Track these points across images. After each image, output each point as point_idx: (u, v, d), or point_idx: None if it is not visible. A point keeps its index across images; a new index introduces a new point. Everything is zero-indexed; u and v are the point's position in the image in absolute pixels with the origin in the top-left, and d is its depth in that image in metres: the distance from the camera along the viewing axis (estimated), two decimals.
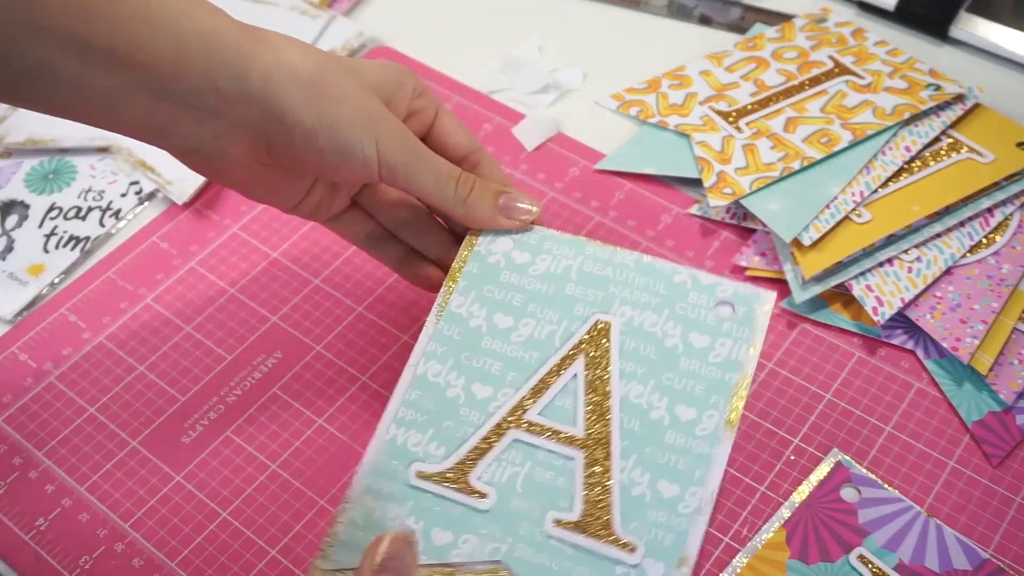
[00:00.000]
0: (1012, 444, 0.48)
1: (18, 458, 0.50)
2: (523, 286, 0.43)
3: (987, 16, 0.66)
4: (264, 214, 0.59)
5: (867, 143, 0.57)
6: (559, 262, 0.43)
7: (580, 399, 0.40)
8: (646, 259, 0.43)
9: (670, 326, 0.41)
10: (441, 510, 0.39)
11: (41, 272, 0.57)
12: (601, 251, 0.43)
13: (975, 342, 0.50)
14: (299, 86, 0.39)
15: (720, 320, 0.41)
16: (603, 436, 0.39)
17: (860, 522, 0.45)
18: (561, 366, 0.41)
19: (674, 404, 0.39)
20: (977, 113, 0.59)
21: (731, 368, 0.40)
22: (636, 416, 0.39)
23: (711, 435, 0.39)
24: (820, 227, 0.53)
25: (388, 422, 0.41)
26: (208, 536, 0.47)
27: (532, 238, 0.44)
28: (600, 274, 0.43)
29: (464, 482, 0.39)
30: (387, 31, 0.70)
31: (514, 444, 0.40)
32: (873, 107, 0.59)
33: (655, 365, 0.40)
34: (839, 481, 0.47)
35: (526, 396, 0.40)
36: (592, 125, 0.63)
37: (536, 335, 0.42)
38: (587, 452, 0.39)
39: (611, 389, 0.40)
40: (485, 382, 0.41)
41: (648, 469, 0.38)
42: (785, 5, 0.69)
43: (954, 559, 0.44)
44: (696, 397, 0.39)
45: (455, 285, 0.43)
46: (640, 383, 0.40)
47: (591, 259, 0.43)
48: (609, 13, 0.71)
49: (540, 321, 0.42)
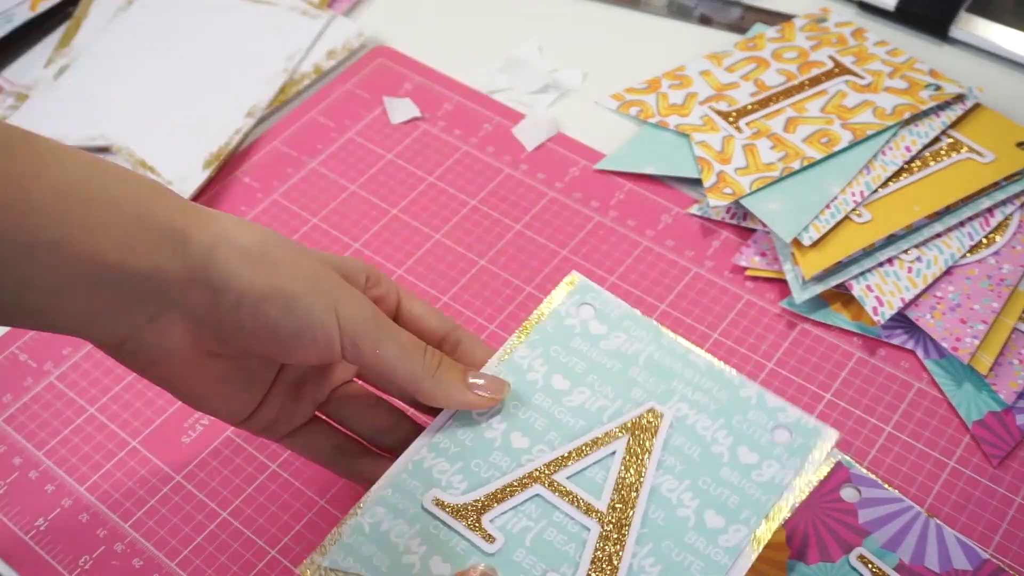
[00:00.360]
0: (1012, 444, 0.48)
1: (18, 458, 0.50)
2: (590, 356, 0.42)
3: (987, 16, 0.66)
4: (264, 214, 0.59)
5: (867, 143, 0.57)
6: (632, 344, 0.43)
7: (612, 475, 0.39)
8: (717, 365, 0.42)
9: (722, 434, 0.40)
10: (446, 541, 0.38)
11: None
12: (676, 346, 0.42)
13: (975, 342, 0.50)
14: (244, 254, 0.36)
15: (773, 444, 0.40)
16: (624, 517, 0.38)
17: (860, 522, 0.45)
18: (603, 440, 0.40)
19: (704, 508, 0.38)
20: (977, 113, 0.59)
21: (772, 491, 0.39)
22: (663, 508, 0.39)
23: (733, 548, 0.38)
24: (820, 227, 0.53)
25: (420, 444, 0.41)
26: (208, 536, 0.47)
27: (613, 312, 0.43)
28: (668, 367, 0.42)
29: (476, 521, 0.39)
30: (387, 31, 0.70)
31: (535, 499, 0.39)
32: (873, 107, 0.59)
33: (696, 466, 0.39)
34: (839, 481, 0.47)
35: (560, 457, 0.40)
36: (592, 125, 0.63)
37: (587, 405, 0.41)
38: (604, 527, 0.38)
39: (645, 475, 0.39)
40: (525, 434, 0.41)
41: (660, 561, 0.38)
42: (785, 5, 0.69)
43: (954, 559, 0.44)
44: (728, 508, 0.38)
45: (525, 337, 0.43)
46: (676, 479, 0.39)
47: (664, 350, 0.42)
48: (609, 13, 0.71)
49: (595, 394, 0.41)
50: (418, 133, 0.63)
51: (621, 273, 0.55)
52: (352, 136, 0.63)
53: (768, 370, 0.51)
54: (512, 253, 0.57)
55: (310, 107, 0.65)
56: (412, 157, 0.62)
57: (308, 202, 0.60)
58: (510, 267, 0.56)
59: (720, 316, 0.53)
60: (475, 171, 0.61)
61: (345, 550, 0.38)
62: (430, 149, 0.62)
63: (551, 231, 0.57)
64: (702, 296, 0.54)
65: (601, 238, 0.57)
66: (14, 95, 0.67)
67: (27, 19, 0.71)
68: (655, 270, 0.55)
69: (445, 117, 0.64)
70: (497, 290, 0.55)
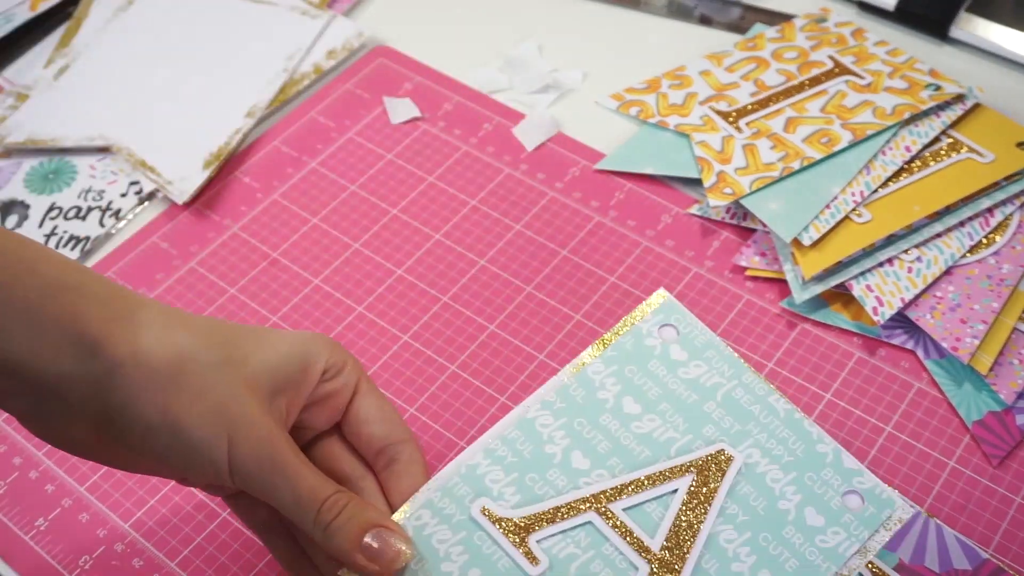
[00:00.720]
0: (1012, 444, 0.48)
1: (18, 458, 0.50)
2: (667, 383, 0.41)
3: (987, 16, 0.66)
4: (264, 214, 0.59)
5: (867, 143, 0.57)
6: (712, 377, 0.41)
7: (670, 514, 0.38)
8: (798, 415, 0.40)
9: (791, 490, 0.39)
10: (490, 555, 0.37)
11: None
12: (758, 386, 0.41)
13: (975, 342, 0.50)
14: (149, 377, 0.35)
15: (844, 509, 0.38)
16: (676, 562, 0.37)
17: None
18: (667, 474, 0.39)
19: (760, 566, 0.37)
20: (977, 113, 0.59)
21: (833, 559, 0.37)
22: (717, 559, 0.37)
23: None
24: (820, 227, 0.53)
25: (477, 449, 0.39)
26: (208, 536, 0.47)
27: (698, 339, 0.42)
28: (746, 408, 0.40)
29: (523, 539, 0.38)
30: (387, 31, 0.70)
31: (587, 526, 0.38)
32: (873, 107, 0.59)
33: (759, 519, 0.38)
34: None
35: (620, 486, 0.39)
36: (592, 125, 0.63)
37: (656, 435, 0.40)
38: (653, 568, 0.37)
39: (705, 521, 0.38)
40: (587, 455, 0.39)
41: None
42: (785, 5, 0.69)
43: (954, 559, 0.44)
44: (785, 570, 0.37)
45: (602, 351, 0.42)
46: (736, 530, 0.38)
47: (743, 388, 0.41)
48: (609, 13, 0.71)
49: (666, 424, 0.40)
50: (418, 133, 0.63)
51: (621, 273, 0.55)
52: (352, 136, 0.63)
53: (768, 370, 0.51)
54: (512, 253, 0.57)
55: (310, 107, 0.65)
56: (412, 157, 0.62)
57: (308, 202, 0.60)
58: (510, 267, 0.56)
59: (720, 316, 0.53)
60: (475, 171, 0.61)
61: None
62: (430, 149, 0.62)
63: (551, 231, 0.57)
64: (702, 296, 0.54)
65: (601, 238, 0.57)
66: (14, 95, 0.67)
67: (27, 19, 0.71)
68: (655, 270, 0.55)
69: (445, 117, 0.64)
70: (497, 290, 0.55)
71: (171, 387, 0.35)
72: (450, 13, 0.72)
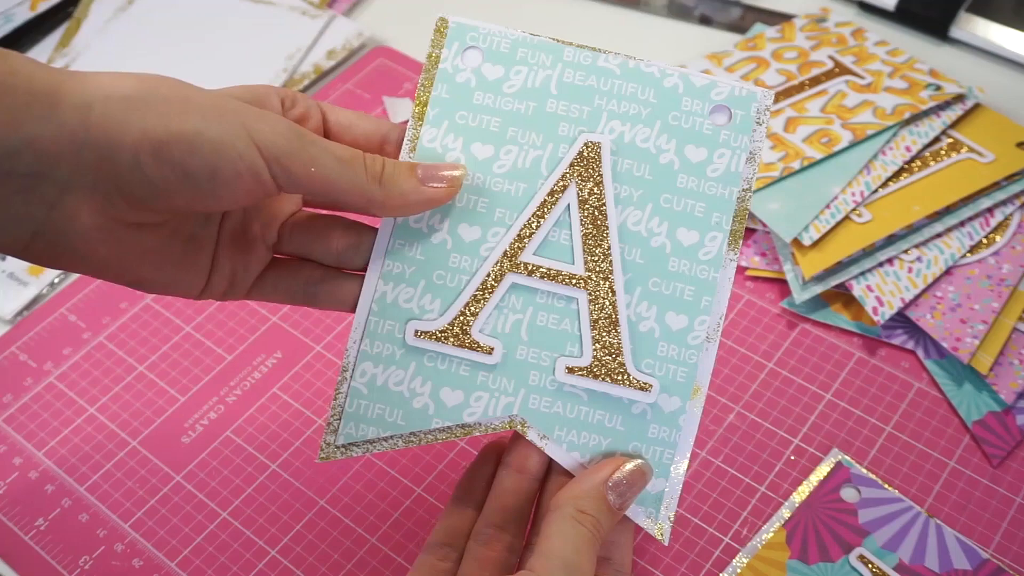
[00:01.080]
0: (1012, 444, 0.48)
1: (18, 458, 0.50)
2: (499, 107, 0.38)
3: (987, 16, 0.66)
4: None
5: (867, 143, 0.57)
6: (536, 74, 0.38)
7: (576, 233, 0.37)
8: (631, 63, 0.38)
9: (664, 140, 0.37)
10: (447, 369, 0.37)
11: (41, 272, 0.57)
12: (582, 56, 0.38)
13: (975, 342, 0.50)
14: (126, 103, 0.31)
15: (717, 128, 0.37)
16: (605, 272, 0.37)
17: (860, 522, 0.45)
18: (551, 197, 0.37)
19: (675, 228, 0.37)
20: (977, 113, 0.59)
21: (732, 182, 0.37)
22: (637, 245, 0.37)
23: (715, 258, 0.37)
24: (820, 227, 0.53)
25: (374, 279, 0.37)
26: (208, 536, 0.47)
27: (503, 45, 0.38)
28: (583, 84, 0.38)
29: (467, 337, 0.37)
30: (387, 31, 0.70)
31: (512, 289, 0.37)
32: (873, 107, 0.59)
33: (651, 186, 0.37)
34: (839, 481, 0.47)
35: (518, 234, 0.37)
36: None
37: (520, 163, 0.37)
38: (590, 291, 0.37)
39: (608, 218, 0.37)
40: (472, 222, 0.37)
41: (654, 302, 0.37)
42: (785, 5, 0.69)
43: (954, 559, 0.44)
44: (697, 219, 0.37)
45: (425, 113, 0.38)
46: (637, 208, 0.37)
47: (572, 67, 0.38)
48: (609, 13, 0.71)
49: (523, 147, 0.37)
50: None
51: None
52: None
53: (768, 370, 0.51)
54: None
55: None
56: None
57: None
58: None
59: None
60: None
61: (354, 419, 0.37)
62: None
63: None
64: None
65: None
66: None
67: (27, 19, 0.71)
68: None
69: None
70: None
71: (154, 105, 0.32)
72: (450, 14, 0.71)
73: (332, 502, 0.48)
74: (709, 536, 0.46)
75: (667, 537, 0.37)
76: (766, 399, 0.50)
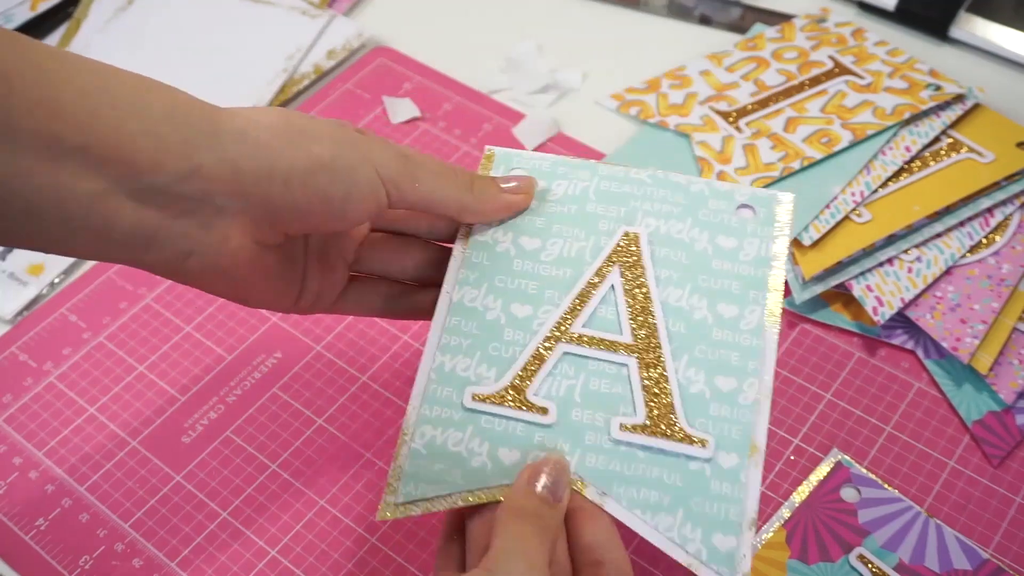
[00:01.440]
0: (1012, 444, 0.48)
1: (18, 458, 0.50)
2: (544, 210, 0.42)
3: (987, 16, 0.66)
4: None
5: (867, 143, 0.57)
6: (576, 185, 0.43)
7: (622, 307, 0.40)
8: (660, 174, 0.42)
9: (696, 232, 0.41)
10: (503, 430, 0.38)
11: (41, 272, 0.57)
12: (615, 171, 0.43)
13: (975, 342, 0.50)
14: (276, 135, 0.35)
15: (743, 221, 0.41)
16: (652, 340, 0.39)
17: (860, 522, 0.45)
18: (596, 278, 0.40)
19: (715, 304, 0.39)
20: (977, 113, 0.59)
21: (762, 264, 0.40)
22: (680, 319, 0.39)
23: (756, 328, 0.39)
24: (820, 227, 0.53)
25: (432, 350, 0.40)
26: (208, 536, 0.47)
27: (544, 165, 0.43)
28: (619, 191, 0.42)
29: (522, 399, 0.39)
30: (387, 31, 0.70)
31: (565, 358, 0.39)
32: (873, 107, 0.59)
33: (688, 269, 0.40)
34: (839, 481, 0.47)
35: (567, 310, 0.40)
36: (592, 125, 0.63)
37: (565, 253, 0.41)
38: (639, 357, 0.39)
39: (650, 295, 0.40)
40: (524, 302, 0.40)
41: (702, 367, 0.38)
42: (785, 5, 0.69)
43: (954, 559, 0.44)
44: (735, 295, 0.40)
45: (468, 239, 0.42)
46: (677, 287, 0.40)
47: (607, 179, 0.43)
48: (609, 13, 0.71)
49: (567, 239, 0.41)
50: (418, 133, 0.63)
51: None
52: None
53: None
54: None
55: (310, 107, 0.65)
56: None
57: None
58: None
59: None
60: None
61: (413, 479, 0.38)
62: (430, 149, 0.62)
63: None
64: None
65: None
66: None
67: (27, 19, 0.71)
68: None
69: (445, 117, 0.64)
70: None
71: (295, 135, 0.36)
72: (450, 13, 0.72)
73: (332, 502, 0.48)
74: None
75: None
76: None
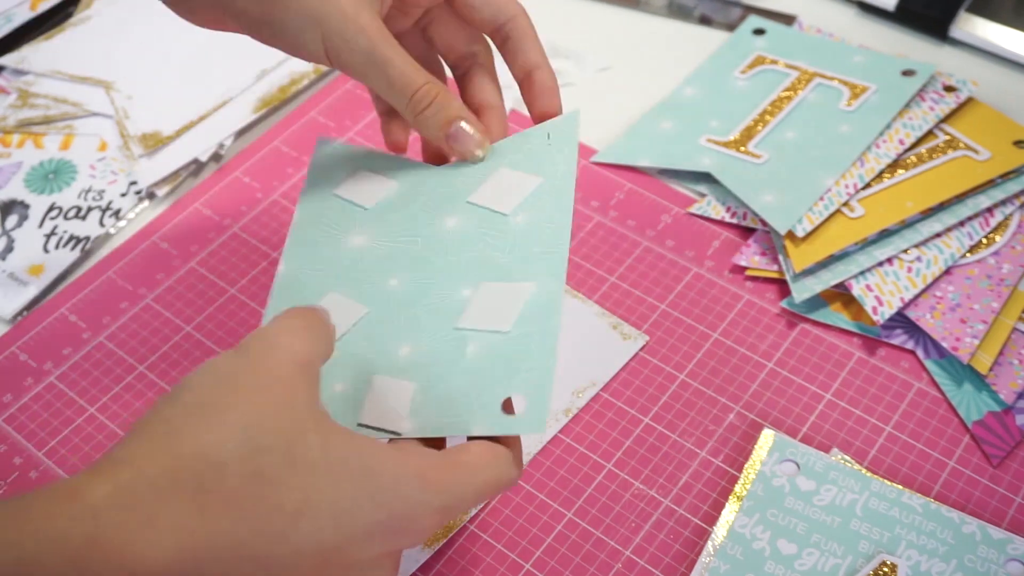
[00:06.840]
0: (1012, 444, 0.48)
1: (18, 458, 0.50)
2: (807, 515, 0.43)
3: (987, 16, 0.66)
4: (263, 215, 0.59)
5: (860, 133, 0.57)
6: (844, 495, 0.44)
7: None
8: (933, 505, 0.43)
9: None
10: None
11: (41, 272, 0.57)
12: (888, 490, 0.44)
13: (975, 342, 0.50)
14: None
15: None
16: None
17: None
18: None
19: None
20: (974, 110, 0.59)
21: None
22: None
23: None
24: (813, 219, 0.53)
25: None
26: None
27: (817, 465, 0.45)
28: (886, 514, 0.43)
29: None
30: None
31: None
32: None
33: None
34: None
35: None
36: (592, 125, 0.63)
37: (819, 567, 0.42)
38: None
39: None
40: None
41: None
42: (785, 5, 0.69)
43: None
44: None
45: (739, 504, 0.44)
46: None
47: (876, 496, 0.44)
48: (609, 13, 0.71)
49: (824, 553, 0.42)
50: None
51: (621, 273, 0.55)
52: (352, 136, 0.63)
53: (768, 370, 0.51)
54: None
55: (310, 107, 0.65)
56: (413, 156, 0.62)
57: None
58: None
59: (720, 316, 0.53)
60: None
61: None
62: None
63: None
64: (702, 296, 0.54)
65: (601, 238, 0.57)
66: (15, 93, 0.67)
67: (27, 19, 0.71)
68: (655, 270, 0.55)
69: None
70: None
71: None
72: None
73: None
74: (710, 536, 0.46)
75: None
76: (766, 399, 0.50)
